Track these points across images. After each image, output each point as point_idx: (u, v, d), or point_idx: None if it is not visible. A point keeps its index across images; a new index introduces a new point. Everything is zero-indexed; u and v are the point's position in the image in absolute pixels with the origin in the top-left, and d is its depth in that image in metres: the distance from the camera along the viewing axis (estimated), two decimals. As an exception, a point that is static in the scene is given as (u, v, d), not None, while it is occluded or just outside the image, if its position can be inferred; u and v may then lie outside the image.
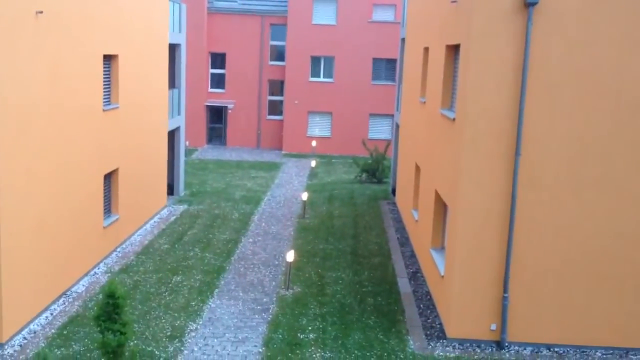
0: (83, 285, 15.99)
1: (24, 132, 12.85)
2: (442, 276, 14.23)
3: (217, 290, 16.07)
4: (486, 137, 12.55)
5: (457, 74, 14.45)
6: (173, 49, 25.44)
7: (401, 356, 12.70)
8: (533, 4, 11.95)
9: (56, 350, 12.43)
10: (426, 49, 19.56)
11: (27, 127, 13.01)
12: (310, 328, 13.95)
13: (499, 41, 12.26)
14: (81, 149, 15.81)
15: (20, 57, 12.58)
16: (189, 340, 13.19)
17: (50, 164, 14.13)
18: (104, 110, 17.22)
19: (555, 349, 13.03)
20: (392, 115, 37.09)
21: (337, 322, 14.29)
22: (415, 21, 22.55)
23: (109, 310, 11.32)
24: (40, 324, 13.58)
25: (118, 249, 18.81)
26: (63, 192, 14.83)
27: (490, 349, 12.98)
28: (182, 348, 12.83)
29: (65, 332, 13.30)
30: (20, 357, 11.92)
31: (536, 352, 12.92)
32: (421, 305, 15.33)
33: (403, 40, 27.78)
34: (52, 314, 14.13)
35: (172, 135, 26.10)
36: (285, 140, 40.57)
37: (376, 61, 39.85)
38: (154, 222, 22.20)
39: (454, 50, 15.24)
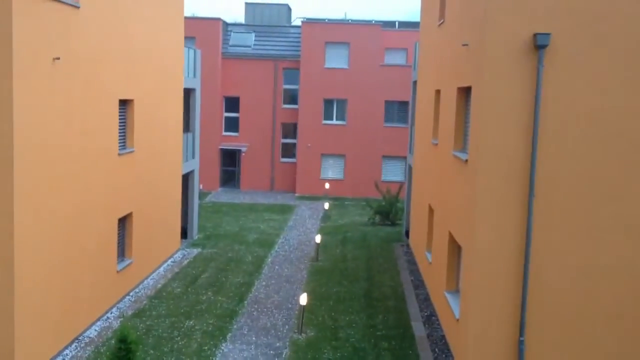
0: (95, 330, 15.93)
1: (39, 174, 13.00)
2: (457, 319, 14.03)
3: (229, 334, 15.93)
4: (499, 178, 12.51)
5: (469, 115, 14.51)
6: (188, 93, 25.80)
7: (417, 402, 12.46)
8: (543, 47, 12.05)
9: (67, 396, 12.32)
10: (437, 92, 19.71)
11: (43, 170, 13.16)
12: (323, 373, 13.76)
13: (510, 83, 12.33)
14: (96, 193, 15.93)
15: (37, 102, 12.80)
16: (201, 386, 13.05)
17: (66, 207, 14.24)
18: (119, 155, 17.40)
19: (575, 395, 12.70)
20: (405, 158, 37.18)
21: (351, 367, 14.09)
22: (427, 64, 22.77)
23: (121, 355, 11.30)
24: (52, 370, 13.51)
25: (131, 293, 18.77)
26: (77, 236, 14.90)
27: (507, 395, 12.69)
28: (194, 394, 12.68)
29: (76, 378, 13.21)
30: (31, 403, 11.84)
31: (555, 398, 12.61)
32: (436, 350, 15.08)
33: (415, 82, 28.02)
34: None
35: (187, 178, 26.28)
36: (299, 183, 40.69)
37: (388, 103, 40.15)
38: (168, 265, 22.18)
39: (465, 92, 15.33)
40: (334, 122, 40.67)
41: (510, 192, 12.50)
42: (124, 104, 18.07)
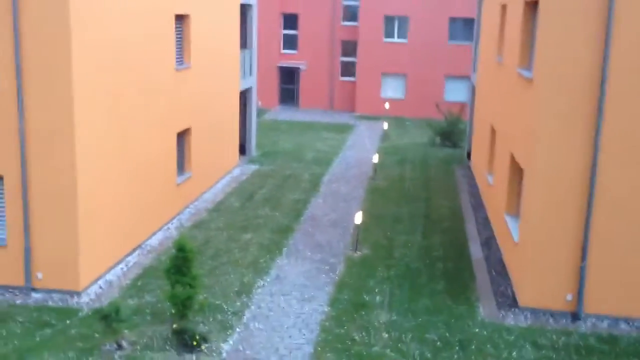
0: (157, 239, 16.36)
1: (98, 87, 13.09)
2: (516, 242, 13.75)
3: (285, 249, 16.14)
4: (566, 96, 11.90)
5: (536, 31, 13.74)
6: (245, 9, 25.35)
7: (469, 323, 12.39)
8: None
9: (129, 300, 12.79)
10: (504, 6, 18.73)
11: (101, 83, 13.25)
12: (377, 290, 13.82)
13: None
14: (155, 108, 16.03)
15: (98, 19, 12.76)
16: (256, 297, 13.32)
17: (127, 121, 14.40)
18: (176, 70, 17.37)
19: (635, 324, 12.37)
20: (469, 77, 36.04)
21: (404, 286, 14.10)
22: (496, -23, 21.57)
23: (179, 263, 11.53)
24: (116, 275, 14.01)
25: (191, 206, 19.13)
26: (138, 149, 15.11)
27: (564, 320, 12.47)
28: (250, 303, 12.97)
29: (138, 284, 13.68)
30: (95, 305, 12.33)
31: (614, 326, 12.33)
32: (493, 272, 14.91)
33: (482, -2, 26.72)
34: (127, 266, 14.54)
35: (245, 95, 26.20)
36: (358, 102, 40.12)
37: (453, 20, 38.61)
38: (226, 180, 22.46)
39: (532, 6, 14.48)
40: (395, 39, 39.52)
41: (577, 111, 11.90)
42: (180, 19, 17.86)
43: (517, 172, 15.17)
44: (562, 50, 11.78)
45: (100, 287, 13.31)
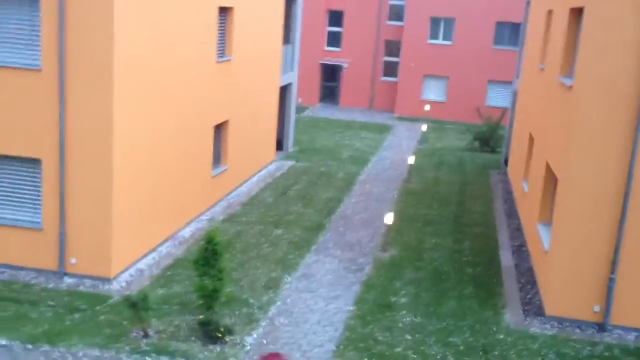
0: (189, 230, 16.64)
1: (143, 78, 13.36)
2: (546, 251, 13.59)
3: (314, 246, 16.24)
4: (603, 106, 11.73)
5: (579, 39, 13.54)
6: (290, 4, 25.49)
7: (494, 329, 12.32)
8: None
9: (158, 289, 13.07)
10: (549, 12, 18.46)
11: (147, 75, 13.52)
12: (403, 292, 13.83)
13: (624, 5, 11.31)
14: (194, 99, 16.28)
15: (142, 9, 13.01)
16: (283, 292, 13.46)
17: (165, 111, 14.65)
18: (217, 62, 17.59)
19: (663, 338, 12.19)
20: (511, 83, 35.56)
21: (431, 289, 14.07)
22: (542, -18, 21.26)
23: (208, 255, 11.73)
24: (147, 264, 14.30)
25: (225, 199, 19.39)
26: (175, 139, 15.36)
27: (590, 331, 12.33)
28: (276, 299, 13.12)
29: (168, 274, 13.95)
30: (126, 293, 12.62)
31: (641, 339, 12.17)
32: (522, 280, 14.76)
33: (528, 2, 26.37)
34: (158, 256, 14.83)
35: (284, 91, 26.36)
36: (398, 103, 39.96)
37: (499, 25, 38.09)
38: (262, 175, 22.68)
39: (577, 13, 14.26)
40: (440, 41, 39.22)
41: (614, 121, 11.71)
42: (224, 11, 18.08)
43: (551, 180, 14.98)
44: (603, 59, 11.63)
45: (131, 275, 13.61)
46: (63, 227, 12.83)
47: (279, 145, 26.45)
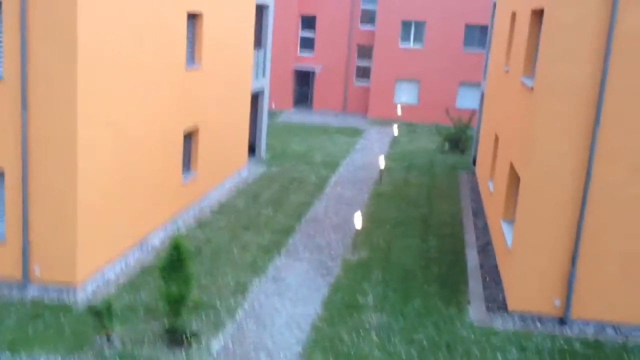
0: (159, 237, 16.65)
1: (109, 85, 13.34)
2: (509, 248, 13.85)
3: (284, 249, 16.36)
4: (563, 107, 12.02)
5: (540, 40, 13.84)
6: (261, 9, 25.59)
7: (458, 326, 12.54)
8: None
9: (125, 296, 13.09)
10: (514, 14, 18.81)
11: (113, 81, 13.50)
12: (371, 293, 14.00)
13: (584, 7, 11.61)
14: (163, 106, 16.27)
15: (107, 14, 13.03)
16: (251, 296, 13.55)
17: (132, 118, 14.63)
18: (186, 70, 17.63)
19: (621, 329, 12.47)
20: (480, 85, 36.04)
21: (398, 289, 14.26)
22: (505, -15, 21.64)
23: (174, 262, 11.77)
24: (115, 272, 14.30)
25: (196, 205, 19.41)
26: (143, 146, 15.34)
27: (551, 325, 12.60)
28: (244, 303, 13.21)
29: (136, 281, 13.98)
30: (91, 301, 12.61)
31: (600, 331, 12.43)
32: (487, 278, 15.01)
33: (495, 4, 26.79)
34: (126, 263, 14.84)
35: (257, 96, 26.46)
36: (371, 106, 40.26)
37: (468, 27, 38.64)
38: (233, 181, 22.74)
39: (539, 15, 14.58)
40: (411, 45, 39.61)
41: (573, 122, 12.00)
42: (193, 17, 18.14)
43: (515, 179, 15.26)
44: (563, 60, 11.90)
45: (98, 283, 13.59)
46: (27, 236, 12.75)
47: (252, 151, 26.55)
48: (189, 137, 18.92)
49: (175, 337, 11.29)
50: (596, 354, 11.67)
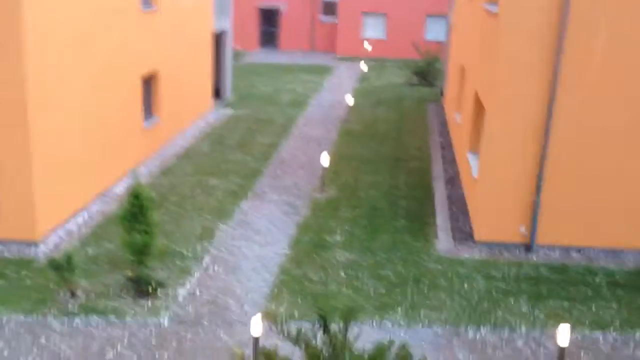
0: (122, 186, 16.30)
1: (57, 30, 12.74)
2: (475, 179, 13.79)
3: (250, 192, 16.16)
4: (527, 33, 11.73)
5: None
6: (217, -53, 24.64)
7: (425, 258, 12.55)
8: None
9: (88, 249, 12.85)
10: (475, -61, 18.25)
11: (63, 27, 12.91)
12: (339, 231, 13.91)
13: None
14: (119, 51, 15.70)
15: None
16: (217, 241, 13.39)
17: (88, 63, 14.09)
18: (143, 12, 16.97)
19: (586, 252, 12.60)
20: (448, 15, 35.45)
21: (366, 226, 14.19)
22: None
23: (135, 211, 11.52)
24: (77, 223, 14.00)
25: (159, 151, 19.04)
26: (98, 92, 14.83)
27: (517, 252, 12.68)
28: (210, 248, 13.06)
29: (99, 232, 13.71)
30: (54, 255, 12.33)
31: (565, 255, 12.55)
32: (454, 209, 15.00)
33: None
34: (89, 214, 14.53)
35: (220, 38, 25.75)
36: (339, 43, 39.55)
37: (434, -44, 37.76)
38: (198, 125, 22.32)
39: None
40: (376, -23, 38.70)
41: (537, 49, 11.74)
42: (143, -43, 17.36)
43: (480, 110, 15.08)
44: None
45: (60, 236, 13.30)
46: (-19, 192, 12.39)
47: (217, 94, 26.02)
48: (149, 82, 18.39)
49: (140, 287, 11.13)
50: (562, 278, 11.79)
